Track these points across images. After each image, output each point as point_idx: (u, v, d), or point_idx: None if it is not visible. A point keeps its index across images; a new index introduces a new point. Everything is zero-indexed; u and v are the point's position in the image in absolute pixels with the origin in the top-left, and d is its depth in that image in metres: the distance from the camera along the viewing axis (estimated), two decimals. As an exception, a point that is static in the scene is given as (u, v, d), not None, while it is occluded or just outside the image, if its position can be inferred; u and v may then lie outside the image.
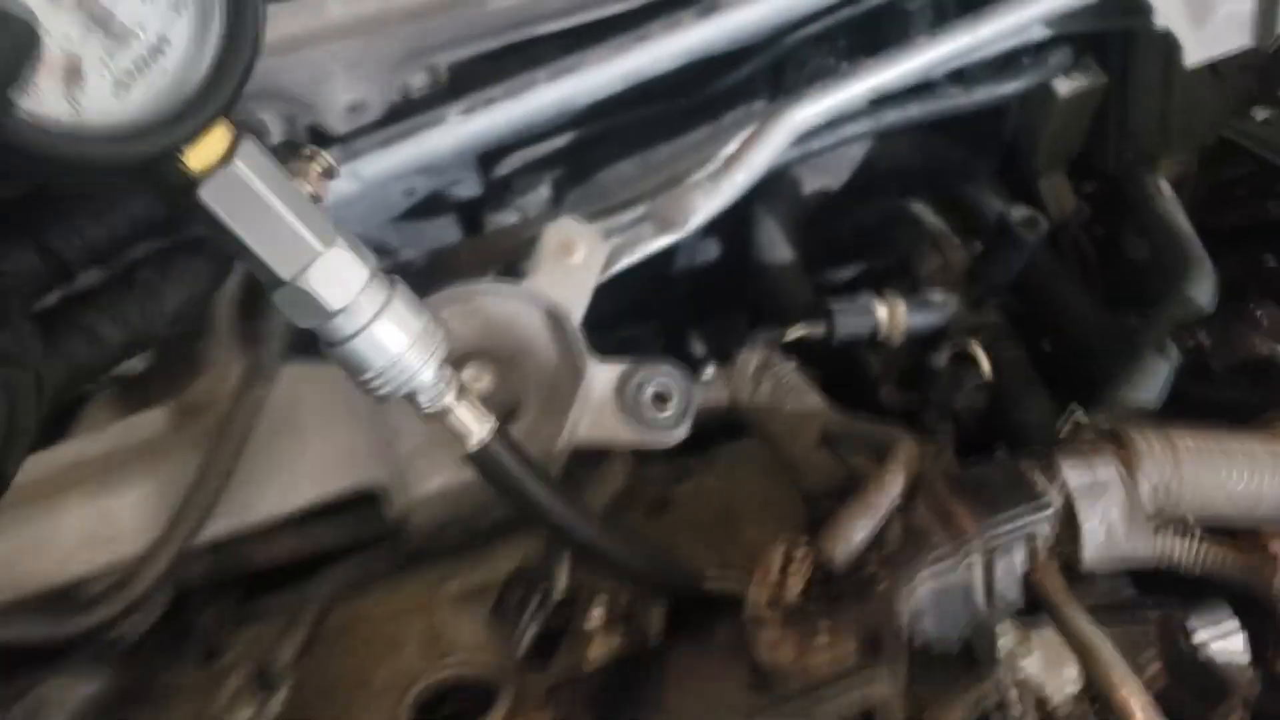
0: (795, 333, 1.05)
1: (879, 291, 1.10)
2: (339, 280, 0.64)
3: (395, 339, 0.68)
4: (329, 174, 0.69)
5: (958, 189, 1.24)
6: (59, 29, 0.52)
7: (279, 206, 0.62)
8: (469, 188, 1.16)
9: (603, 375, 0.95)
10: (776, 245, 1.23)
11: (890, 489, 0.84)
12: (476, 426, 0.74)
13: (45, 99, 0.52)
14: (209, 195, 0.60)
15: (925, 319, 1.08)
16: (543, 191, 1.21)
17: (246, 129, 0.61)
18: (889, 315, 1.08)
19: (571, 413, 0.92)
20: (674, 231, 1.04)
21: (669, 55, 1.05)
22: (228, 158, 0.60)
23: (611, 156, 1.21)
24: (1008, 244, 1.05)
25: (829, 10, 1.09)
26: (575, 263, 1.00)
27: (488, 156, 1.14)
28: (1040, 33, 1.15)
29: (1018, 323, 1.11)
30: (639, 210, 1.07)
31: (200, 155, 0.59)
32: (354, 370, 0.68)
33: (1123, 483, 0.81)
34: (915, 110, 1.14)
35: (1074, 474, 0.81)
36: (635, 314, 1.32)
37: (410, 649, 0.92)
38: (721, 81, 1.16)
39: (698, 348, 1.35)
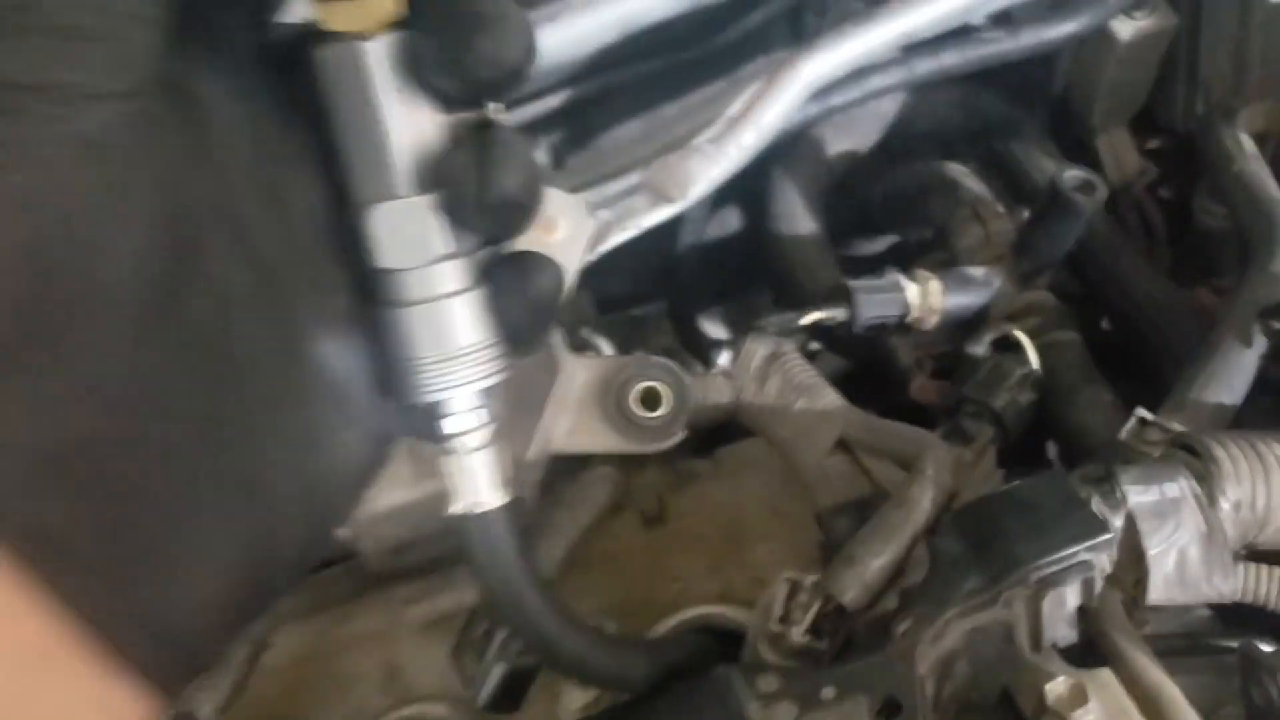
0: (810, 318, 0.91)
1: (909, 268, 0.96)
2: (406, 236, 0.51)
3: (450, 332, 0.54)
4: None
5: (1002, 149, 1.09)
6: None
7: (391, 120, 0.49)
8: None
9: (582, 372, 0.82)
10: (796, 215, 1.10)
11: (915, 509, 0.71)
12: (486, 490, 0.60)
13: None
14: (329, 59, 0.47)
15: (963, 299, 0.94)
16: (538, 157, 1.08)
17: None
18: (921, 295, 0.94)
19: (546, 416, 0.80)
20: (671, 203, 0.90)
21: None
22: (373, 31, 0.47)
23: (614, 117, 1.08)
24: (1060, 211, 0.90)
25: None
26: (555, 241, 0.86)
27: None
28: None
29: (1072, 304, 0.96)
30: (633, 178, 0.94)
31: (345, 10, 0.46)
32: (396, 344, 0.55)
33: (1198, 503, 0.67)
34: (952, 59, 0.99)
35: (1138, 492, 0.67)
36: (643, 293, 1.20)
37: (366, 686, 0.81)
38: (733, 29, 1.03)
39: (713, 330, 1.22)
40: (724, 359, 0.93)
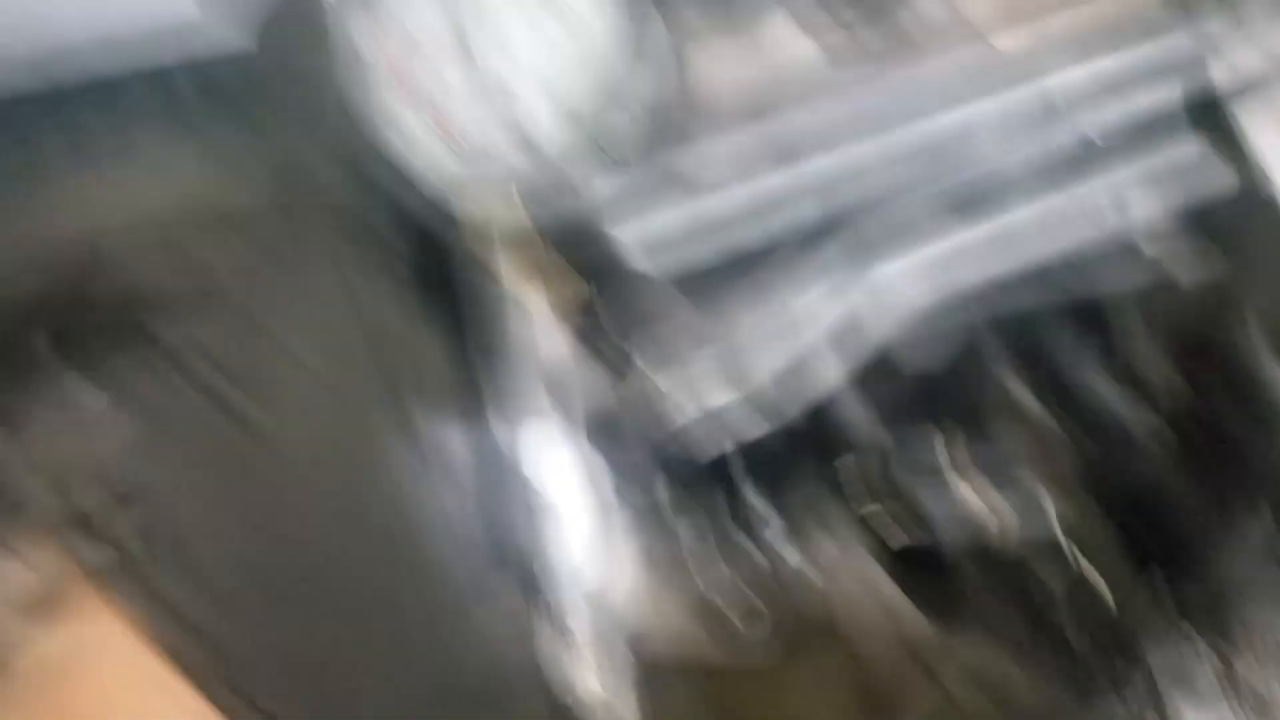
0: (870, 509, 0.95)
1: (953, 460, 1.00)
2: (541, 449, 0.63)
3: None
4: None
5: (1048, 357, 1.15)
6: None
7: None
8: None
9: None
10: (846, 398, 1.14)
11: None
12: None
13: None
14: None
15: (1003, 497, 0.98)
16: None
17: None
18: (968, 490, 0.98)
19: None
20: (735, 391, 0.95)
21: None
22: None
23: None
24: (1113, 438, 0.95)
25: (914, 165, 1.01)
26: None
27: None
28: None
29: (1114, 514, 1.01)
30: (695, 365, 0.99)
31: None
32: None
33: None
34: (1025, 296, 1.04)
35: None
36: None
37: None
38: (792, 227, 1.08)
39: (757, 503, 1.25)
40: (773, 533, 0.96)
